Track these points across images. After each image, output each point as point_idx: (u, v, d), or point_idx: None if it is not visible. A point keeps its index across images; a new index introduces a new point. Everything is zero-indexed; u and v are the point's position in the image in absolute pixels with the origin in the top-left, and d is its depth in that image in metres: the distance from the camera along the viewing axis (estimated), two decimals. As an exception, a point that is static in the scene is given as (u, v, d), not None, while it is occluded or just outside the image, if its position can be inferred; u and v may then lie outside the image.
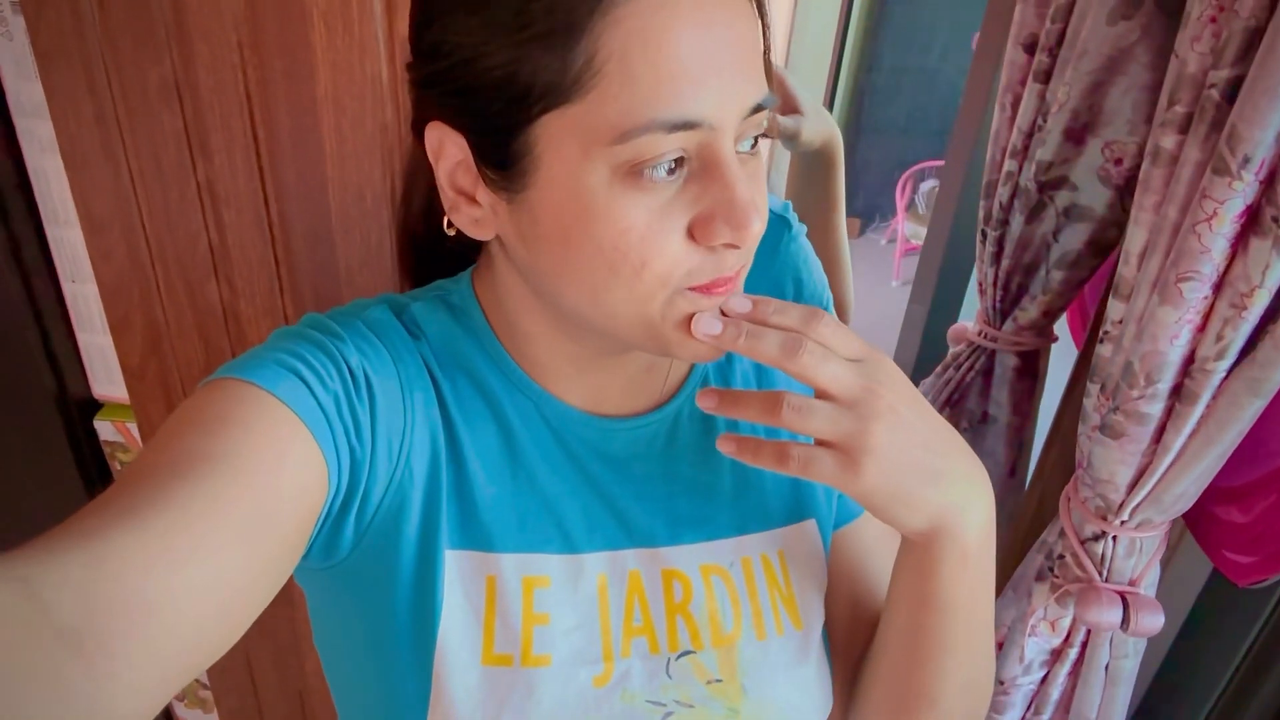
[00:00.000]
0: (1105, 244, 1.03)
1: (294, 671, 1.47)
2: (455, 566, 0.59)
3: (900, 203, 4.56)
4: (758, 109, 0.51)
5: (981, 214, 1.12)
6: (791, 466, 0.52)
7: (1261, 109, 0.62)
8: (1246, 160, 0.64)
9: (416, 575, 0.58)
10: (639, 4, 0.46)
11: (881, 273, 4.58)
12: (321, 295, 1.06)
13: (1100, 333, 0.84)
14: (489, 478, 0.61)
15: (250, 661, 1.46)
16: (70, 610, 0.36)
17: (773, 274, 0.93)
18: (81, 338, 1.24)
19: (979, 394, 1.22)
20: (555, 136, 0.49)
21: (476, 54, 0.49)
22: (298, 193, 1.00)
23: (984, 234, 1.12)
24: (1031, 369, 1.18)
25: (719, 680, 0.63)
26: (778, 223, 0.94)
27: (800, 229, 0.95)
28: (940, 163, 4.61)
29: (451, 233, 0.58)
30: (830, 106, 4.52)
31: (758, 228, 0.50)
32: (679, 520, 0.65)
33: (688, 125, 0.48)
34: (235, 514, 0.45)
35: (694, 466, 0.67)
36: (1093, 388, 0.86)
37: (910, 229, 4.56)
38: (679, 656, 0.62)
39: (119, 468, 1.33)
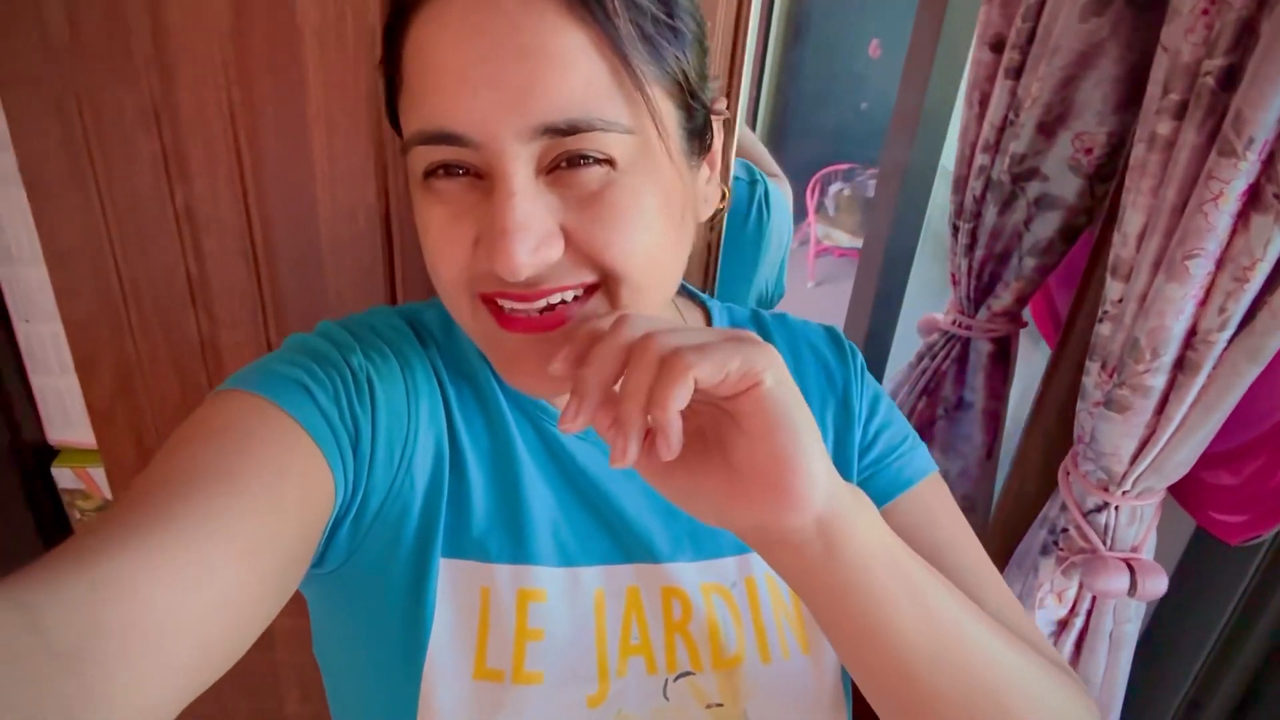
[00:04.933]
0: (1075, 230, 1.08)
1: (272, 717, 1.41)
2: (449, 576, 0.58)
3: (810, 205, 4.67)
4: (558, 131, 0.47)
5: (952, 209, 1.16)
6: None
7: (1266, 94, 0.67)
8: (1250, 141, 0.69)
9: (410, 583, 0.58)
10: (421, 16, 0.48)
11: (798, 274, 4.69)
12: (309, 323, 1.02)
13: (1100, 313, 0.89)
14: (488, 488, 0.61)
15: (226, 707, 1.39)
16: (70, 635, 0.36)
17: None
18: (35, 380, 1.17)
19: (954, 381, 1.27)
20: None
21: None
22: (285, 216, 0.96)
23: (955, 227, 1.16)
24: (1004, 354, 1.23)
25: (719, 704, 0.61)
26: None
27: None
28: (847, 166, 4.75)
29: None
30: (755, 116, 4.60)
31: (516, 258, 0.47)
32: (680, 537, 0.65)
33: (443, 139, 0.48)
34: (238, 531, 0.45)
35: None
36: (1093, 365, 0.90)
37: (822, 230, 4.67)
38: (677, 678, 0.61)
39: (79, 516, 1.26)
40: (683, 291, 0.77)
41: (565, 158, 0.48)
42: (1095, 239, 1.02)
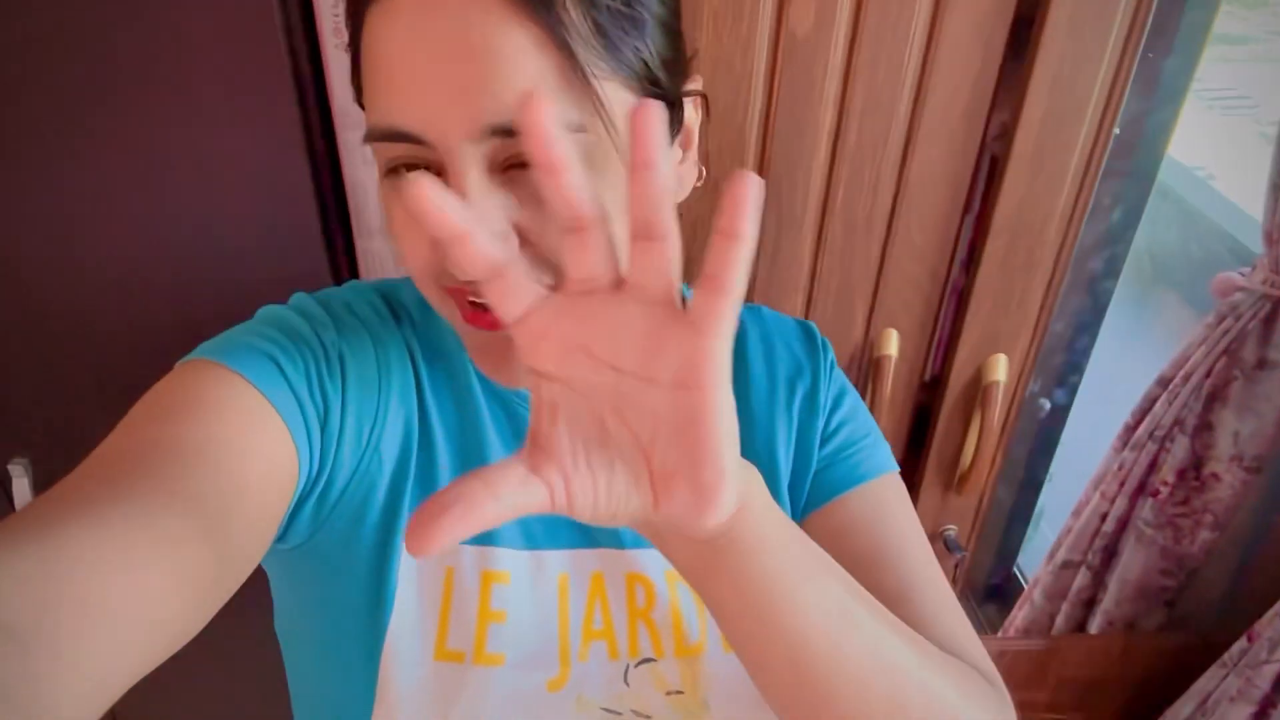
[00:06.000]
0: None
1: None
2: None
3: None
4: (505, 131, 0.46)
5: (1273, 169, 1.15)
6: None
7: None
8: None
9: (374, 562, 0.57)
10: (374, 10, 0.48)
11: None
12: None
13: None
14: (454, 468, 0.61)
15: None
16: (16, 608, 0.35)
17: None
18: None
19: (1258, 341, 1.26)
20: None
21: None
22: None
23: (1278, 186, 1.15)
24: (1318, 314, 1.22)
25: (679, 692, 0.61)
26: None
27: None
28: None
29: None
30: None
31: (470, 257, 0.45)
32: None
33: (396, 136, 0.47)
34: (198, 507, 0.44)
35: None
36: None
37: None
38: (639, 664, 0.61)
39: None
40: None
41: (518, 159, 0.48)
42: None
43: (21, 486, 1.19)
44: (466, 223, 0.34)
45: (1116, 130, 0.93)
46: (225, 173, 1.04)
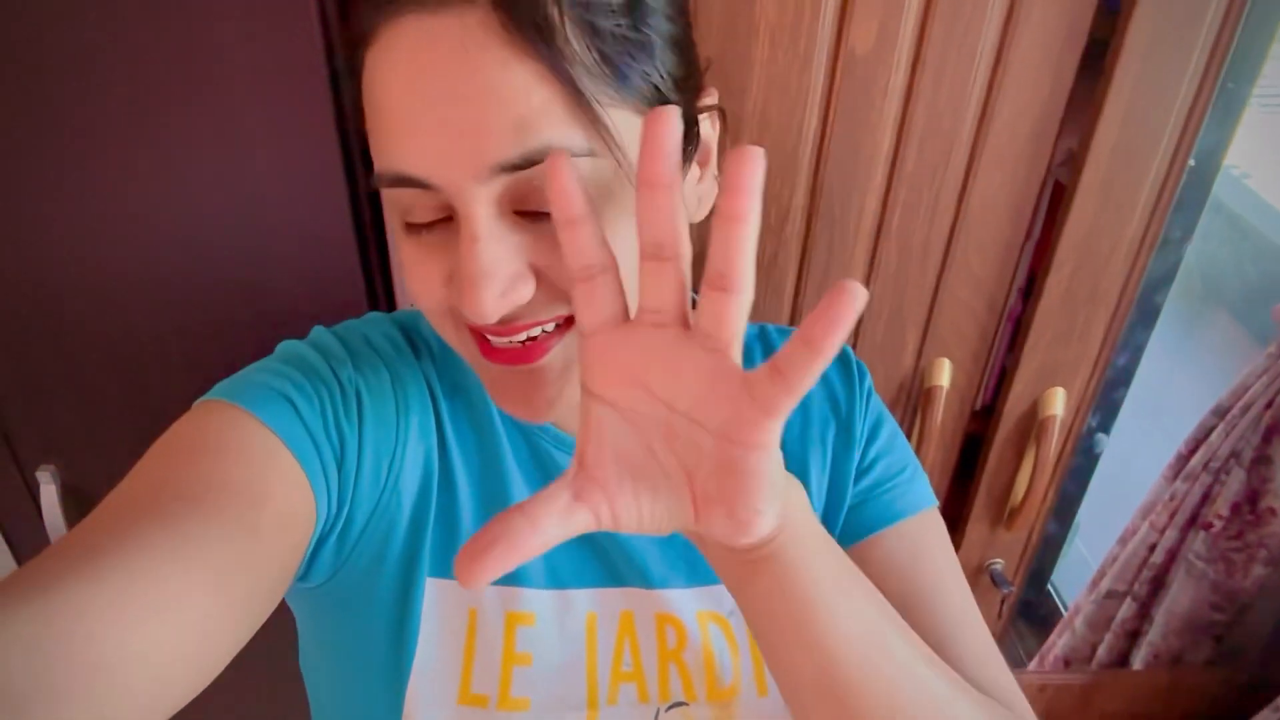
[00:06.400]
0: None
1: None
2: (436, 596, 0.56)
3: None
4: (513, 166, 0.44)
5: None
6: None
7: None
8: None
9: (396, 602, 0.56)
10: (372, 54, 0.46)
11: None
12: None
13: None
14: (476, 506, 0.59)
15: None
16: (14, 668, 0.34)
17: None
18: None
19: (1322, 374, 1.21)
20: None
21: None
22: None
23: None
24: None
25: None
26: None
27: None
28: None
29: None
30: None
31: (483, 305, 0.45)
32: (676, 561, 0.62)
33: (404, 182, 0.46)
34: (205, 556, 0.43)
35: None
36: None
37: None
38: (669, 708, 0.59)
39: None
40: None
41: (531, 190, 0.46)
42: None
43: (49, 493, 1.17)
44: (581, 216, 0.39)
45: (1191, 162, 0.89)
46: (259, 182, 1.01)
